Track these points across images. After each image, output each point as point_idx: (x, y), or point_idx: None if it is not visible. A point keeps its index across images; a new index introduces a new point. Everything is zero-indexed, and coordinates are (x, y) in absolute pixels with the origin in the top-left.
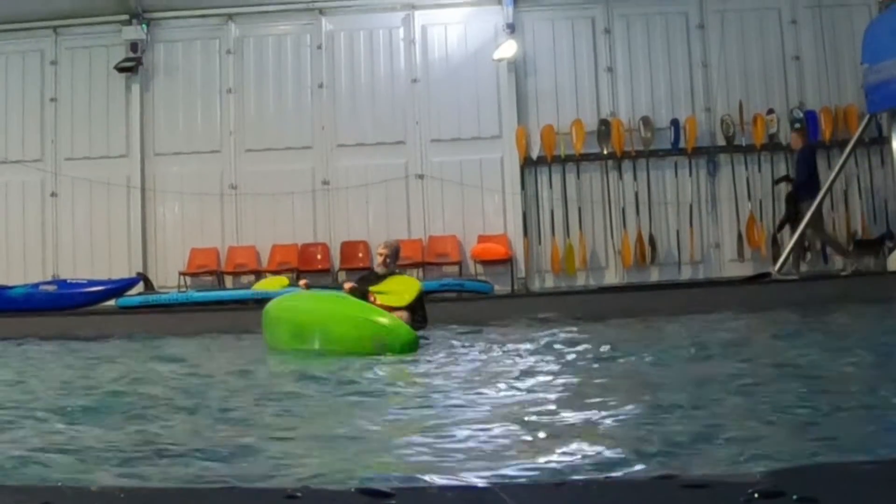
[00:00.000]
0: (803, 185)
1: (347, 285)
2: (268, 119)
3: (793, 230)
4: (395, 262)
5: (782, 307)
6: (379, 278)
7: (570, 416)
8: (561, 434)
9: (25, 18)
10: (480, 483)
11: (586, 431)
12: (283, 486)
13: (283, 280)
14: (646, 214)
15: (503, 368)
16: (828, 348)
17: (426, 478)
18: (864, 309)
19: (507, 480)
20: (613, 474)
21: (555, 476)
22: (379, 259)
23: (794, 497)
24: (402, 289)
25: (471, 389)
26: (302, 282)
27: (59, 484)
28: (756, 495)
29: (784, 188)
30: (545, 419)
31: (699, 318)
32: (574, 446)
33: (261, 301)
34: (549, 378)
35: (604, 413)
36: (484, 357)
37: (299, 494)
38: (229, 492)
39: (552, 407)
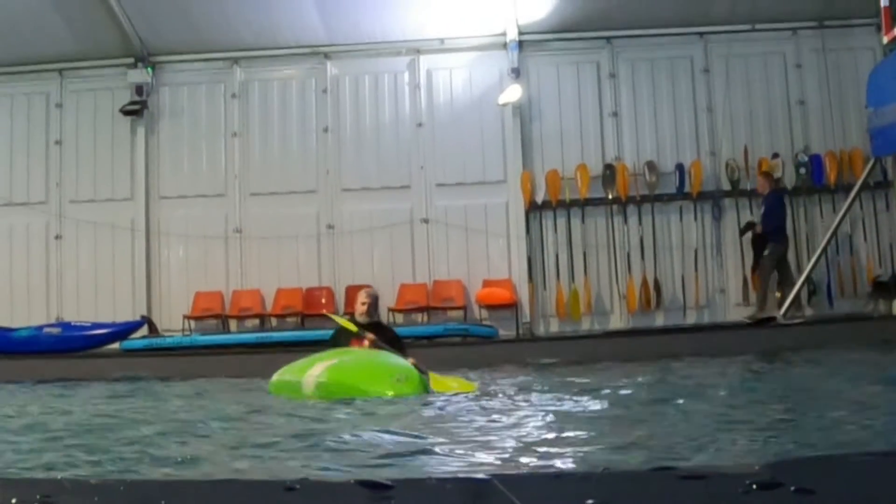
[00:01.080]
0: (772, 232)
1: (411, 360)
2: (272, 163)
3: (758, 274)
4: (377, 310)
5: (787, 351)
6: (361, 327)
7: (568, 424)
8: (560, 432)
9: (31, 61)
10: (479, 475)
11: (585, 430)
12: (282, 479)
13: (353, 327)
14: (651, 259)
15: (507, 400)
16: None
17: (425, 469)
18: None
19: (505, 472)
20: (612, 466)
21: (553, 467)
22: (362, 308)
23: (792, 489)
24: (461, 388)
25: (474, 411)
26: (369, 336)
27: (59, 477)
28: (754, 487)
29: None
30: (545, 425)
31: (704, 362)
32: (573, 442)
33: (265, 345)
34: (550, 404)
35: (601, 422)
36: (488, 394)
37: (298, 486)
38: (228, 484)
39: (551, 419)
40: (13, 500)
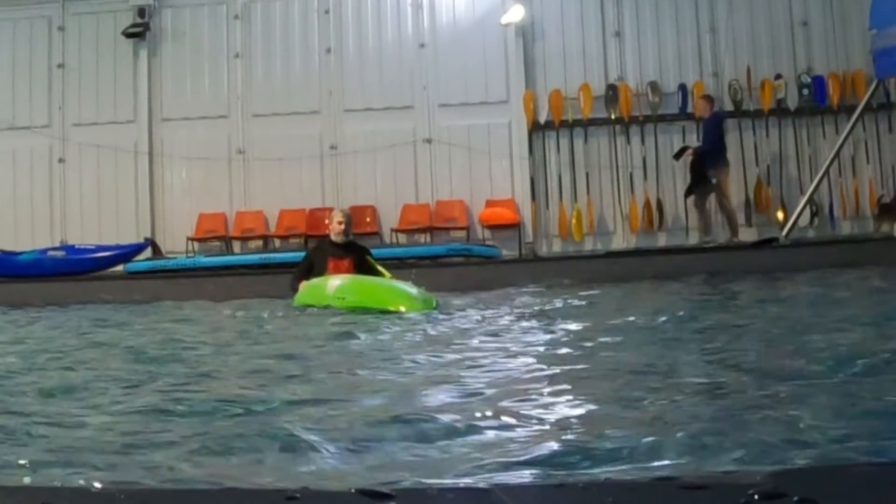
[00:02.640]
0: (711, 154)
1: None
2: (275, 84)
3: (698, 197)
4: (351, 230)
5: (790, 271)
6: (337, 247)
7: (570, 412)
8: (561, 431)
9: None
10: (481, 484)
11: (587, 429)
12: (283, 487)
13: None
14: (653, 179)
15: (505, 347)
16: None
17: (426, 479)
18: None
19: (507, 481)
20: (613, 475)
21: (555, 477)
22: (339, 228)
23: (795, 498)
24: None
25: (471, 377)
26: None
27: (59, 484)
28: (756, 496)
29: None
30: (545, 416)
31: (707, 283)
32: (574, 445)
33: (269, 266)
34: (550, 360)
35: (604, 408)
36: (489, 330)
37: (299, 495)
38: (229, 492)
39: (553, 400)
40: None
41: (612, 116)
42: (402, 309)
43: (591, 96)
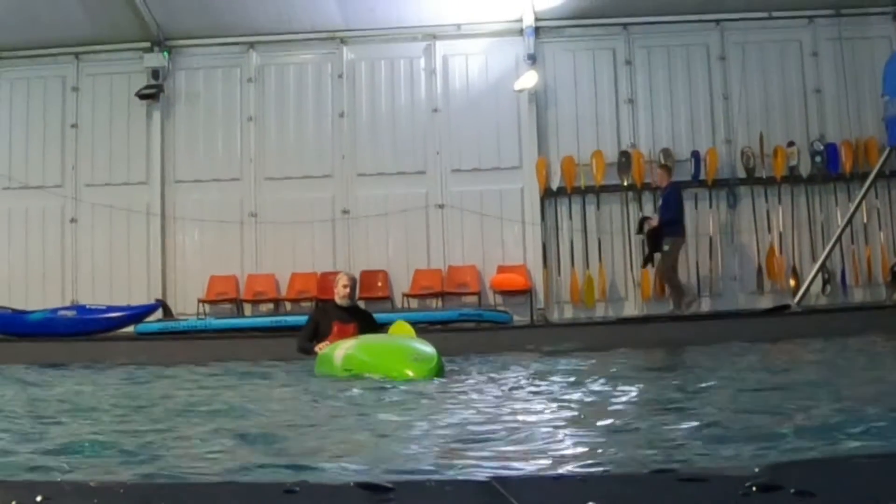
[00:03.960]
0: (668, 223)
1: None
2: (288, 147)
3: (662, 271)
4: (356, 294)
5: (799, 338)
6: (343, 311)
7: (571, 419)
8: (561, 431)
9: (48, 45)
10: (479, 477)
11: (586, 429)
12: (281, 481)
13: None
14: None
15: (514, 388)
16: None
17: (425, 472)
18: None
19: (505, 474)
20: (611, 468)
21: (553, 470)
22: (345, 292)
23: (792, 491)
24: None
25: (480, 402)
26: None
27: (59, 479)
28: (754, 489)
29: (646, 225)
30: (547, 420)
31: (717, 350)
32: (574, 442)
33: (279, 329)
34: (556, 396)
35: (606, 415)
36: (498, 380)
37: (297, 489)
38: (228, 486)
39: (555, 415)
40: (13, 503)
41: (625, 183)
42: (410, 374)
43: (604, 163)
